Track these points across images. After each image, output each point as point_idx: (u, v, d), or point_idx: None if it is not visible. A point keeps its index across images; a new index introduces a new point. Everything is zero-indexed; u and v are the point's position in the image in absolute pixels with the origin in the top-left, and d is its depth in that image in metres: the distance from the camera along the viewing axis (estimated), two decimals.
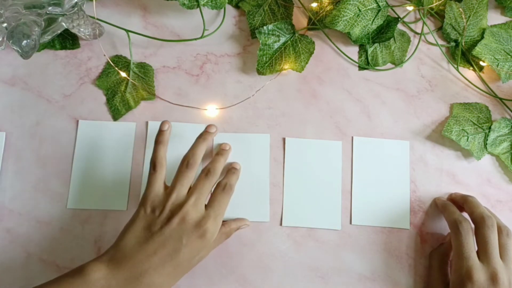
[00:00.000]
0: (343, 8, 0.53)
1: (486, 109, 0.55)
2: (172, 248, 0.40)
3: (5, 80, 0.53)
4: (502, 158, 0.54)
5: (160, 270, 0.40)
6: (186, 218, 0.42)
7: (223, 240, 0.47)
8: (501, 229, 0.46)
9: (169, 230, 0.41)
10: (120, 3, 0.57)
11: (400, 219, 0.52)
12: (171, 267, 0.40)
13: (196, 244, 0.42)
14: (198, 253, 0.42)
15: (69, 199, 0.50)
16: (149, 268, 0.39)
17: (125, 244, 0.41)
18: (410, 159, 0.54)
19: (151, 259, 0.40)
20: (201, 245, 0.42)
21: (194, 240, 0.41)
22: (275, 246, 0.51)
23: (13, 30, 0.44)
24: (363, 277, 0.50)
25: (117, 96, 0.53)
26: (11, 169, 0.50)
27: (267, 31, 0.53)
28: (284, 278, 0.50)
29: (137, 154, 0.52)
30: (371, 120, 0.55)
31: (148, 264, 0.39)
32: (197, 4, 0.52)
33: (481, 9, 0.58)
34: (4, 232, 0.49)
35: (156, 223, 0.42)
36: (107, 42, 0.55)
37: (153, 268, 0.40)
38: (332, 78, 0.56)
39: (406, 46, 0.58)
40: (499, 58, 0.56)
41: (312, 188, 0.52)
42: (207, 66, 0.55)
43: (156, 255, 0.40)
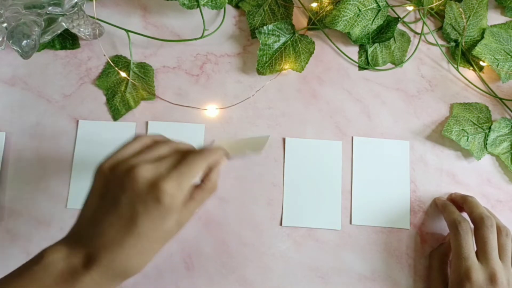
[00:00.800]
0: (343, 8, 0.53)
1: (486, 109, 0.55)
2: (126, 217, 0.33)
3: (5, 80, 0.53)
4: (502, 158, 0.54)
5: (121, 243, 0.33)
6: (137, 178, 0.34)
7: (206, 198, 0.39)
8: (501, 229, 0.46)
9: (121, 195, 0.34)
10: (120, 3, 0.57)
11: (400, 219, 0.52)
12: (133, 240, 0.33)
13: (153, 211, 0.34)
14: (162, 222, 0.34)
15: (69, 199, 0.50)
16: (107, 242, 0.33)
17: (83, 217, 0.36)
18: (410, 159, 0.54)
19: (107, 232, 0.33)
20: (161, 212, 0.34)
21: (150, 205, 0.33)
22: (275, 246, 0.51)
23: (13, 30, 0.44)
24: (363, 277, 0.50)
25: (117, 96, 0.53)
26: (11, 169, 0.50)
27: (267, 31, 0.53)
28: (284, 278, 0.50)
29: None
30: (371, 120, 0.55)
31: (105, 238, 0.33)
32: (197, 4, 0.52)
33: (481, 9, 0.58)
34: (4, 232, 0.49)
35: (109, 189, 0.35)
36: (107, 42, 0.55)
37: (112, 242, 0.33)
38: (332, 78, 0.56)
39: (406, 46, 0.58)
40: (499, 58, 0.56)
41: (312, 188, 0.52)
42: (207, 66, 0.55)
43: (112, 227, 0.33)
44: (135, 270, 0.34)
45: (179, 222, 0.36)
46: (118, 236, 0.33)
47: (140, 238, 0.34)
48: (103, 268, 0.33)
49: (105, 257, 0.33)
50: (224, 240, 0.50)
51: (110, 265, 0.33)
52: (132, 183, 0.34)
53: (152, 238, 0.34)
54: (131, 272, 0.34)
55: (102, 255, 0.33)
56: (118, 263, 0.33)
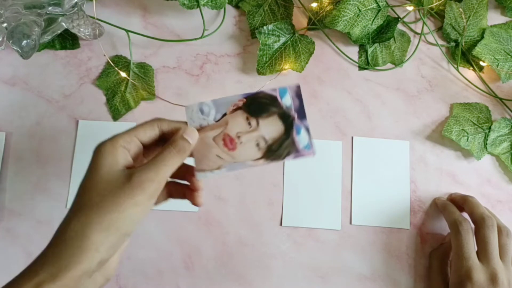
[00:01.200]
0: (343, 8, 0.53)
1: (486, 109, 0.55)
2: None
3: (5, 80, 0.53)
4: (502, 158, 0.54)
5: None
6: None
7: (183, 155, 0.34)
8: (501, 229, 0.46)
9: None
10: (120, 3, 0.57)
11: (400, 219, 0.52)
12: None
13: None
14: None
15: (69, 199, 0.50)
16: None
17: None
18: (410, 159, 0.54)
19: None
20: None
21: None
22: (275, 246, 0.51)
23: (13, 30, 0.44)
24: (363, 277, 0.50)
25: (117, 96, 0.53)
26: (11, 169, 0.50)
27: (267, 31, 0.53)
28: (284, 278, 0.50)
29: None
30: (371, 120, 0.55)
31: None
32: (197, 4, 0.52)
33: (481, 9, 0.58)
34: (4, 232, 0.49)
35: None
36: (107, 42, 0.55)
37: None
38: (332, 78, 0.56)
39: (406, 46, 0.58)
40: (499, 58, 0.56)
41: (312, 188, 0.52)
42: (207, 66, 0.55)
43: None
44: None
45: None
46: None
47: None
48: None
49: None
50: (224, 240, 0.50)
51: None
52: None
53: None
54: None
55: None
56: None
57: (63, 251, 0.30)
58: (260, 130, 0.36)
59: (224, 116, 0.36)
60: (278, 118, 0.36)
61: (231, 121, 0.36)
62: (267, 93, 0.37)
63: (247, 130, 0.36)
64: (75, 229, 0.30)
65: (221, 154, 0.36)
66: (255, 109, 0.36)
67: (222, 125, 0.36)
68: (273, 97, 0.36)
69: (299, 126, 0.36)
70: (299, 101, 0.36)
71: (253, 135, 0.36)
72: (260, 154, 0.36)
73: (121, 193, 0.31)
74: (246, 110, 0.36)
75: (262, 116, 0.36)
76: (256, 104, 0.36)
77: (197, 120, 0.36)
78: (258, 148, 0.36)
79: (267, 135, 0.36)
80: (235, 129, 0.36)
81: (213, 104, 0.36)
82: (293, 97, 0.37)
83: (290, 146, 0.36)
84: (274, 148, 0.36)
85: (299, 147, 0.36)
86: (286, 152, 0.36)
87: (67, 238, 0.30)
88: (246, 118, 0.36)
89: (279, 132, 0.36)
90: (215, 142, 0.36)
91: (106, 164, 0.32)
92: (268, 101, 0.36)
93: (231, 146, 0.36)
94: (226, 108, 0.36)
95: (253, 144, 0.36)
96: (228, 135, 0.36)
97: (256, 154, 0.36)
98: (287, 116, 0.36)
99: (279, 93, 0.37)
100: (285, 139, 0.36)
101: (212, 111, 0.36)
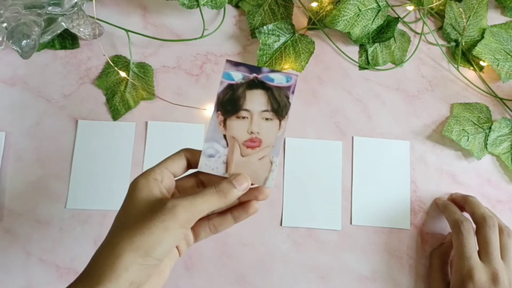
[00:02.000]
0: (343, 8, 0.53)
1: (486, 109, 0.55)
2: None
3: (5, 80, 0.53)
4: (502, 158, 0.54)
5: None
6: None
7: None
8: (502, 229, 0.46)
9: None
10: (120, 3, 0.56)
11: (400, 219, 0.52)
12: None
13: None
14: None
15: (69, 199, 0.50)
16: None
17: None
18: (410, 159, 0.54)
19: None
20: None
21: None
22: (275, 246, 0.50)
23: (13, 30, 0.44)
24: (363, 277, 0.50)
25: (116, 96, 0.53)
26: (11, 169, 0.50)
27: (267, 31, 0.53)
28: (284, 278, 0.50)
29: (137, 154, 0.52)
30: (371, 120, 0.55)
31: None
32: (197, 4, 0.52)
33: (481, 9, 0.58)
34: (4, 232, 0.49)
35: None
36: (107, 42, 0.55)
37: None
38: (332, 78, 0.56)
39: (406, 46, 0.58)
40: (499, 58, 0.56)
41: (312, 188, 0.52)
42: (207, 66, 0.55)
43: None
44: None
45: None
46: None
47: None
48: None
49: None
50: (224, 240, 0.50)
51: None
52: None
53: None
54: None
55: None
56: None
57: (95, 270, 0.31)
58: (254, 110, 0.36)
59: (225, 136, 0.36)
60: (248, 90, 0.37)
61: (232, 132, 0.36)
62: (223, 89, 0.37)
63: (248, 122, 0.36)
64: (107, 249, 0.32)
65: (259, 155, 0.36)
66: (230, 106, 0.37)
67: (234, 141, 0.36)
68: (228, 86, 0.37)
69: (265, 76, 0.37)
70: (241, 66, 0.37)
71: (256, 118, 0.36)
72: (276, 119, 0.36)
73: (153, 217, 0.31)
74: (227, 114, 0.37)
75: (241, 104, 0.37)
76: (226, 103, 0.37)
77: (215, 163, 0.36)
78: (271, 119, 0.36)
79: (262, 106, 0.36)
80: (242, 132, 0.36)
81: (210, 140, 0.36)
82: (235, 71, 0.37)
83: (280, 91, 0.37)
84: (275, 106, 0.37)
85: (284, 85, 0.37)
86: (284, 97, 0.37)
87: (100, 257, 0.31)
88: (237, 118, 0.36)
89: (264, 95, 0.37)
90: (246, 154, 0.36)
91: (141, 195, 0.33)
92: (228, 92, 0.37)
93: (256, 143, 0.36)
94: (217, 131, 0.36)
95: (265, 122, 0.36)
96: (245, 141, 0.36)
97: (274, 124, 0.36)
98: (252, 82, 0.37)
99: (225, 77, 0.37)
100: (272, 93, 0.37)
101: (215, 145, 0.36)
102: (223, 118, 0.37)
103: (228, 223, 0.39)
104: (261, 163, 0.36)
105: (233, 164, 0.36)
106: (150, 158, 0.51)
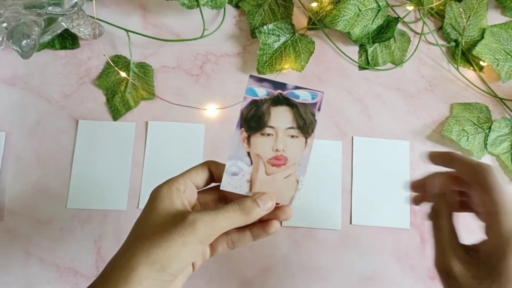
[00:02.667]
0: (343, 8, 0.53)
1: (486, 109, 0.55)
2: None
3: (5, 80, 0.53)
4: (502, 158, 0.54)
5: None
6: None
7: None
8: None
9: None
10: (120, 3, 0.57)
11: (400, 219, 0.52)
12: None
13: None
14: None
15: (69, 199, 0.50)
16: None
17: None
18: (410, 159, 0.54)
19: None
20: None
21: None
22: (275, 246, 0.50)
23: (13, 30, 0.44)
24: (363, 277, 0.50)
25: (117, 96, 0.53)
26: (11, 169, 0.50)
27: (267, 31, 0.53)
28: (284, 278, 0.50)
29: (137, 154, 0.52)
30: (371, 120, 0.55)
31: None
32: (197, 4, 0.52)
33: (481, 9, 0.58)
34: (4, 232, 0.49)
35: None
36: (107, 42, 0.55)
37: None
38: (332, 78, 0.56)
39: (406, 46, 0.58)
40: (499, 58, 0.56)
41: (312, 188, 0.52)
42: (207, 66, 0.55)
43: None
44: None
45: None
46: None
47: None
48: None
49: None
50: None
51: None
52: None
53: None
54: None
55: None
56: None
57: (109, 280, 0.30)
58: (279, 127, 0.35)
59: (249, 154, 0.35)
60: (273, 106, 0.35)
61: (257, 150, 0.35)
62: (247, 105, 0.35)
63: (274, 139, 0.35)
64: (123, 259, 0.30)
65: (285, 173, 0.35)
66: (254, 122, 0.35)
67: (258, 159, 0.35)
68: (252, 102, 0.36)
69: (290, 93, 0.35)
70: (265, 82, 0.36)
71: (281, 135, 0.35)
72: (302, 137, 0.35)
73: (172, 230, 0.30)
74: (251, 131, 0.35)
75: (265, 120, 0.35)
76: (250, 119, 0.35)
77: (239, 182, 0.35)
78: (296, 136, 0.35)
79: (287, 123, 0.35)
80: (267, 149, 0.35)
81: (233, 158, 0.35)
82: (259, 86, 0.36)
83: (306, 108, 0.35)
84: (301, 123, 0.35)
85: (310, 102, 0.35)
86: (310, 114, 0.35)
87: (115, 268, 0.30)
88: (261, 134, 0.35)
89: (289, 112, 0.35)
90: (271, 173, 0.35)
91: (162, 205, 0.32)
92: (252, 108, 0.36)
93: (282, 161, 0.35)
94: (241, 148, 0.35)
95: (290, 139, 0.35)
96: (270, 159, 0.35)
97: (300, 142, 0.35)
98: (276, 98, 0.35)
99: (249, 93, 0.36)
100: (297, 109, 0.35)
101: (239, 163, 0.35)
102: (247, 135, 0.35)
103: (247, 240, 0.37)
104: (286, 182, 0.35)
105: (257, 183, 0.35)
106: (150, 158, 0.51)
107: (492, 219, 0.33)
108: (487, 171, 0.34)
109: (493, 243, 0.32)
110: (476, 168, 0.35)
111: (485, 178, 0.34)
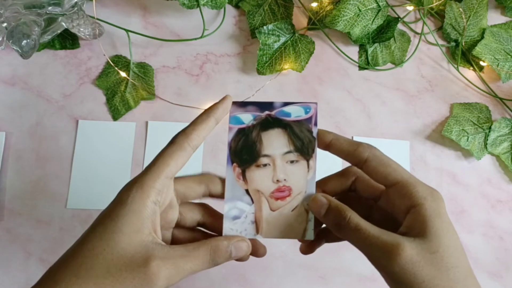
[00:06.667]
0: (343, 8, 0.53)
1: (486, 109, 0.55)
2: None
3: (5, 80, 0.53)
4: (502, 158, 0.54)
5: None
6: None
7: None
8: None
9: None
10: (120, 3, 0.57)
11: None
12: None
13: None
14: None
15: (69, 199, 0.50)
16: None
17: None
18: (410, 159, 0.54)
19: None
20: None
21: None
22: (275, 246, 0.50)
23: (13, 30, 0.44)
24: (363, 277, 0.50)
25: (117, 96, 0.53)
26: (11, 169, 0.50)
27: (267, 31, 0.53)
28: (284, 278, 0.50)
29: (137, 154, 0.52)
30: (371, 120, 0.55)
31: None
32: (197, 4, 0.52)
33: (481, 9, 0.58)
34: (4, 232, 0.49)
35: None
36: (107, 42, 0.55)
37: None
38: (332, 78, 0.56)
39: (406, 46, 0.58)
40: (499, 58, 0.56)
41: None
42: (207, 66, 0.55)
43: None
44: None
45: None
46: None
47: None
48: None
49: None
50: None
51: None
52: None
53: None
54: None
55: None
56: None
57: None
58: (275, 154, 0.31)
59: (247, 192, 0.31)
60: (263, 131, 0.32)
61: (255, 185, 0.31)
62: (233, 136, 0.32)
63: (272, 169, 0.31)
64: (61, 277, 0.27)
65: (292, 205, 0.31)
66: (246, 154, 0.32)
67: (259, 195, 0.31)
68: (239, 132, 0.32)
69: (280, 111, 0.32)
70: (249, 105, 0.32)
71: (279, 163, 0.31)
72: (303, 160, 0.32)
73: (127, 280, 0.26)
74: (244, 165, 0.31)
75: (258, 149, 0.31)
76: (240, 152, 0.32)
77: (242, 226, 0.31)
78: (296, 161, 0.31)
79: (284, 148, 0.31)
80: (267, 182, 0.31)
81: (231, 200, 0.31)
82: (243, 112, 0.32)
83: (301, 125, 0.32)
84: (299, 144, 0.32)
85: (304, 117, 0.32)
86: (306, 132, 0.32)
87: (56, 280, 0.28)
88: (257, 166, 0.31)
89: (283, 134, 0.32)
90: (276, 208, 0.31)
91: (126, 229, 0.27)
92: (240, 138, 0.32)
93: (285, 192, 0.31)
94: (237, 187, 0.31)
95: (290, 165, 0.31)
96: (272, 193, 0.31)
97: (302, 166, 0.31)
98: (265, 121, 0.32)
99: (233, 122, 0.32)
100: (291, 129, 0.32)
101: (238, 204, 0.31)
102: (240, 170, 0.31)
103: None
104: (295, 214, 0.31)
105: (263, 223, 0.31)
106: (150, 158, 0.51)
107: (403, 190, 0.32)
108: (371, 147, 0.33)
109: (418, 211, 0.30)
110: (359, 148, 0.33)
111: (374, 154, 0.33)
